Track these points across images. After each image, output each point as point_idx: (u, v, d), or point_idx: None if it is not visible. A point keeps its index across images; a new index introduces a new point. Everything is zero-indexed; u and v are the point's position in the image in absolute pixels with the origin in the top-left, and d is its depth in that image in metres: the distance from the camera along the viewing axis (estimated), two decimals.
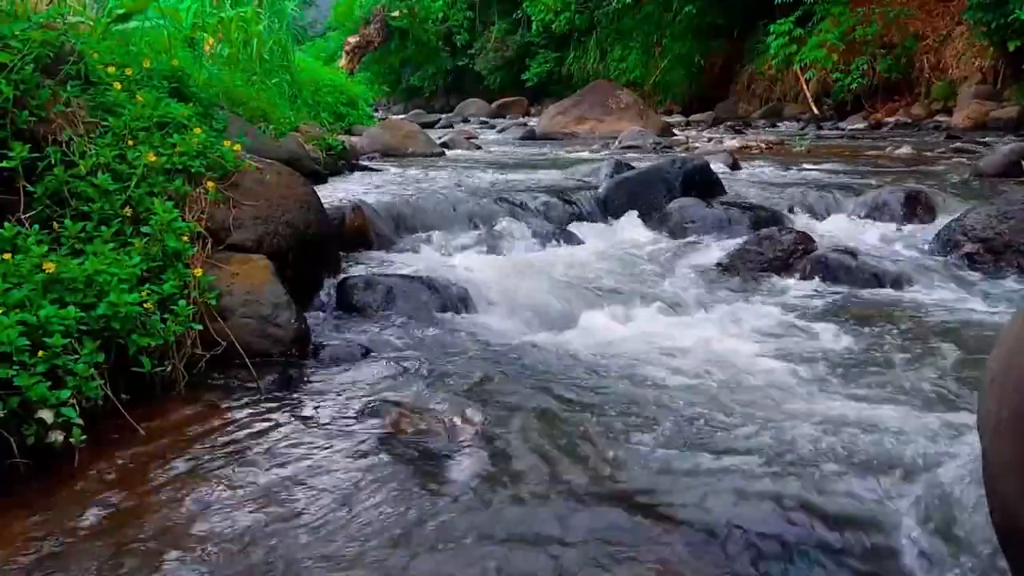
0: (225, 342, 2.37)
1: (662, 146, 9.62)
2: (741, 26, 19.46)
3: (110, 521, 1.61)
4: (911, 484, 1.63)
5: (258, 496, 1.69)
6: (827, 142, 10.82)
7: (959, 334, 2.70)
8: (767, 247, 3.67)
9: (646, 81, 21.54)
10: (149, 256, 2.37)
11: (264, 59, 7.40)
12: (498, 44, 27.44)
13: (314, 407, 2.18)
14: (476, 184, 5.48)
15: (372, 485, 1.73)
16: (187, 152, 2.74)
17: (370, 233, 4.00)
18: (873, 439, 1.85)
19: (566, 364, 2.49)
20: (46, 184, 2.43)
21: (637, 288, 3.35)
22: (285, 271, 2.77)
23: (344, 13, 26.63)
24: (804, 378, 2.33)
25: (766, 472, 1.72)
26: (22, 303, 1.92)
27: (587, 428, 2.00)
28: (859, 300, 3.20)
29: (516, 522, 1.59)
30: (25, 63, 2.49)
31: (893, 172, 6.57)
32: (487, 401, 2.19)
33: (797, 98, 17.27)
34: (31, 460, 1.74)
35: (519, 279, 3.37)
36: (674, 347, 2.63)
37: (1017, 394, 1.09)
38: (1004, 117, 11.76)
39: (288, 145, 5.24)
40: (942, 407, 2.06)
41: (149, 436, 1.98)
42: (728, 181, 5.41)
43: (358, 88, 11.69)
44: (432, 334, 2.80)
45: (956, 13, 14.65)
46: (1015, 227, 3.60)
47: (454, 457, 1.86)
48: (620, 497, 1.67)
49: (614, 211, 4.82)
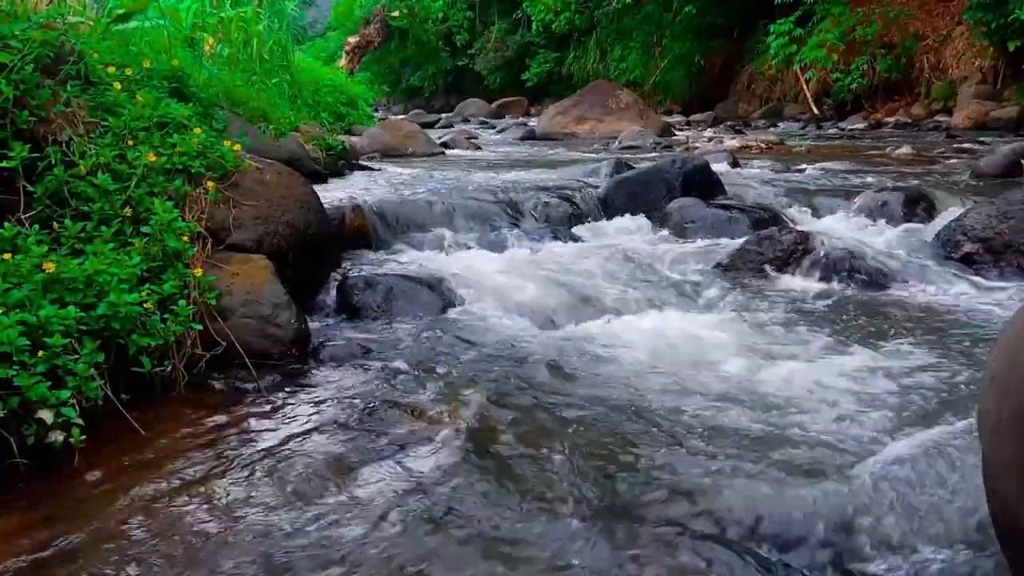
0: (225, 342, 2.37)
1: (662, 146, 9.63)
2: (741, 26, 19.45)
3: (110, 521, 1.61)
4: (910, 484, 1.62)
5: (258, 496, 1.69)
6: (827, 142, 10.82)
7: (959, 334, 2.70)
8: (767, 247, 3.67)
9: (646, 81, 21.54)
10: (149, 256, 2.37)
11: (264, 59, 7.40)
12: (498, 44, 27.44)
13: (314, 407, 2.18)
14: (476, 184, 5.48)
15: (372, 485, 1.73)
16: (187, 152, 2.74)
17: (370, 233, 4.00)
18: (873, 439, 1.85)
19: (566, 364, 2.49)
20: (46, 184, 2.43)
21: (637, 288, 3.35)
22: (285, 271, 2.77)
23: (344, 13, 26.64)
24: (804, 378, 2.32)
25: (767, 472, 1.72)
26: (22, 303, 1.92)
27: (587, 428, 2.00)
28: (859, 300, 3.20)
29: (516, 522, 1.58)
30: (25, 63, 2.49)
31: (893, 172, 6.57)
32: (487, 401, 2.18)
33: (797, 98, 17.27)
34: (31, 460, 1.74)
35: (519, 279, 3.37)
36: (673, 347, 2.63)
37: (1017, 394, 1.09)
38: (1004, 117, 11.76)
39: (288, 145, 5.24)
40: (943, 407, 2.06)
41: (149, 436, 1.98)
42: (728, 181, 5.40)
43: (358, 88, 11.69)
44: (432, 334, 2.80)
45: (956, 13, 14.64)
46: (1015, 227, 3.60)
47: (454, 457, 1.86)
48: (621, 497, 1.67)
49: (614, 211, 4.81)
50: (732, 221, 4.41)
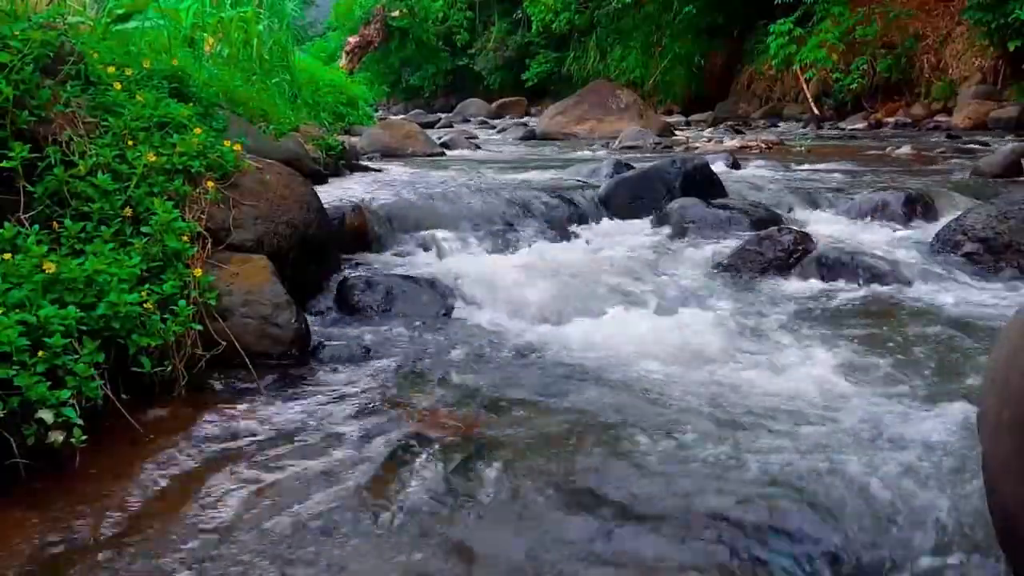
0: (225, 342, 2.37)
1: (662, 146, 9.63)
2: (741, 26, 19.47)
3: (110, 521, 1.61)
4: (911, 483, 1.63)
5: (259, 496, 1.69)
6: (827, 142, 10.81)
7: (959, 334, 2.70)
8: (767, 247, 3.67)
9: (646, 81, 21.54)
10: (149, 256, 2.36)
11: (264, 59, 7.40)
12: (498, 44, 27.45)
13: (314, 407, 2.18)
14: (476, 184, 5.47)
15: (372, 485, 1.73)
16: (187, 152, 2.74)
17: (370, 233, 4.00)
18: (872, 438, 1.85)
19: (565, 364, 2.49)
20: (46, 184, 2.43)
21: (637, 288, 3.35)
22: (285, 271, 2.77)
23: (344, 13, 26.67)
24: (803, 378, 2.33)
25: (767, 472, 1.72)
26: (22, 303, 1.92)
27: (586, 428, 2.00)
28: (859, 300, 3.20)
29: (516, 522, 1.59)
30: (25, 63, 2.49)
31: (893, 172, 6.57)
32: (487, 400, 2.19)
33: (797, 98, 17.27)
34: (31, 460, 1.74)
35: (519, 279, 3.37)
36: (673, 347, 2.62)
37: (1017, 394, 1.09)
38: (1004, 117, 11.76)
39: (288, 145, 5.23)
40: (943, 407, 2.06)
41: (149, 436, 1.98)
42: (728, 181, 5.40)
43: (358, 88, 11.70)
44: (432, 334, 2.80)
45: (956, 13, 14.65)
46: (1015, 227, 3.60)
47: (454, 457, 1.86)
48: (620, 497, 1.67)
49: (614, 211, 4.81)
50: (732, 221, 4.40)
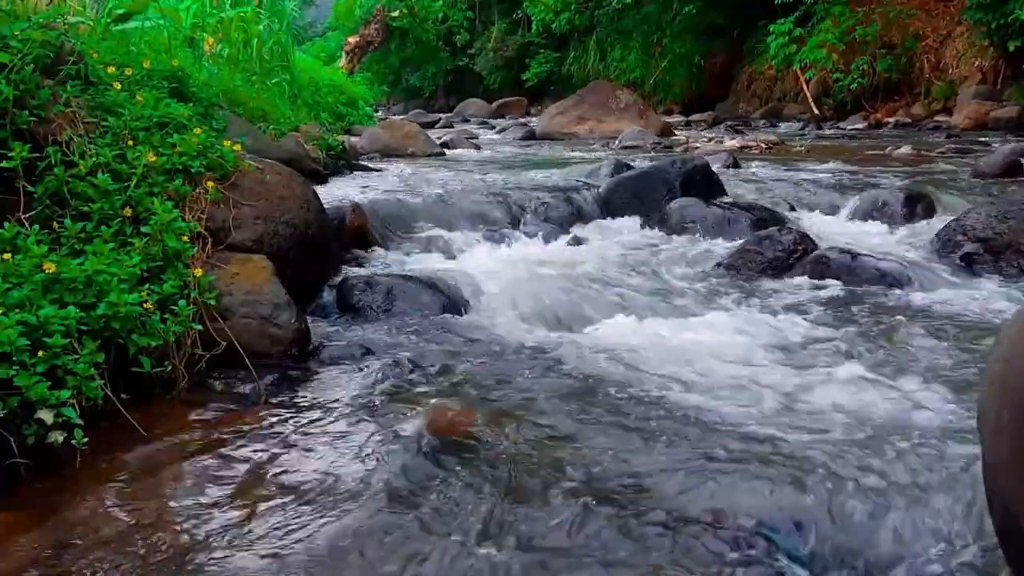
0: (225, 342, 2.37)
1: (662, 146, 9.63)
2: (741, 26, 19.45)
3: (110, 521, 1.61)
4: (911, 483, 1.63)
5: (258, 497, 1.69)
6: (827, 142, 10.81)
7: (959, 334, 2.70)
8: (767, 247, 3.67)
9: (646, 81, 21.54)
10: (149, 256, 2.37)
11: (264, 59, 7.41)
12: (498, 44, 27.44)
13: (314, 407, 2.18)
14: (476, 184, 5.48)
15: (372, 485, 1.73)
16: (187, 152, 2.74)
17: (370, 233, 4.00)
18: (873, 439, 1.85)
19: (565, 364, 2.49)
20: (46, 184, 2.43)
21: (637, 288, 3.35)
22: (285, 271, 2.77)
23: (344, 13, 26.68)
24: (803, 378, 2.33)
25: (767, 473, 1.72)
26: (22, 303, 1.92)
27: (586, 428, 2.00)
28: (859, 300, 3.20)
29: (516, 522, 1.58)
30: (25, 63, 2.49)
31: (893, 172, 6.57)
32: (487, 401, 2.19)
33: (797, 98, 17.26)
34: (31, 460, 1.74)
35: (519, 279, 3.37)
36: (673, 347, 2.62)
37: (1017, 394, 1.09)
38: (1004, 117, 11.75)
39: (288, 145, 5.24)
40: (942, 407, 2.06)
41: (149, 436, 1.98)
42: (728, 181, 5.41)
43: (358, 88, 11.71)
44: (432, 334, 2.80)
45: (956, 13, 14.64)
46: (1015, 227, 3.60)
47: (454, 457, 1.86)
48: (620, 498, 1.67)
49: (614, 211, 4.82)
50: (732, 221, 4.40)
